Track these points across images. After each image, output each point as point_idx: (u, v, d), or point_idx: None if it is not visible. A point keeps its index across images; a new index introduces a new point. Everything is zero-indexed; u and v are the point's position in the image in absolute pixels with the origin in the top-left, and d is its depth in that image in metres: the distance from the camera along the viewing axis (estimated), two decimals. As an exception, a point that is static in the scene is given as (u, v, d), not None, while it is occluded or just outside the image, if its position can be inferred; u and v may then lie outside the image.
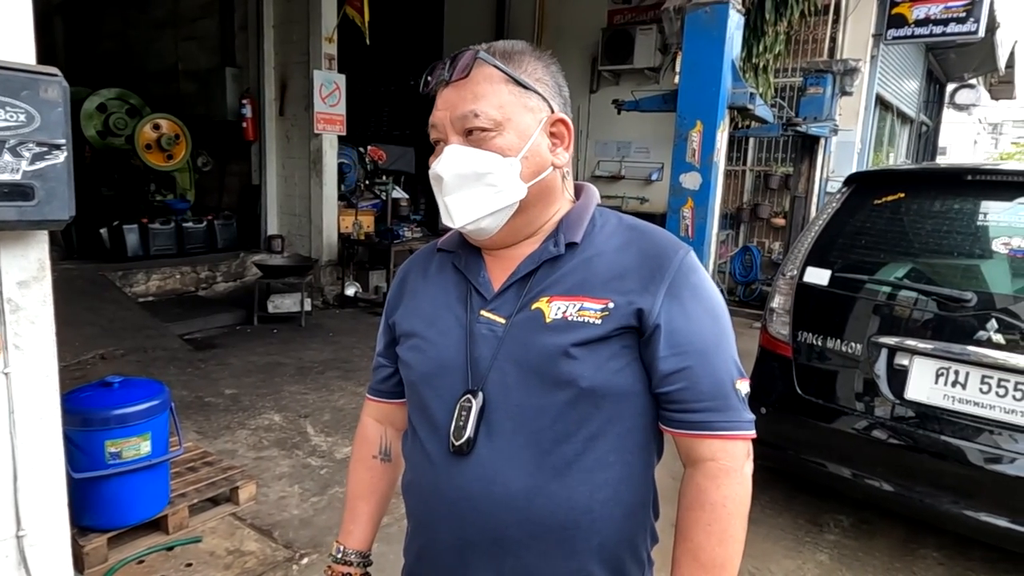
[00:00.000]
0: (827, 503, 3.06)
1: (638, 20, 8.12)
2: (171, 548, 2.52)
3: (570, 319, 0.88)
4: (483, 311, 0.94)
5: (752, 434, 0.91)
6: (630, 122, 7.92)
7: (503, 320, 0.92)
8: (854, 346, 2.62)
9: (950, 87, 12.44)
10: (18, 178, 1.43)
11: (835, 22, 7.43)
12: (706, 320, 0.90)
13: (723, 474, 0.89)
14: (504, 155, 0.89)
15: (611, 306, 0.88)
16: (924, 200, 2.70)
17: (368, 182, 7.54)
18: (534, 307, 0.91)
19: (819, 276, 2.74)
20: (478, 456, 0.90)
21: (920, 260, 2.61)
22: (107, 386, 2.45)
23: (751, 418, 0.91)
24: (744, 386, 0.91)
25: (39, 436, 1.65)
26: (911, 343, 2.49)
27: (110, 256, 6.51)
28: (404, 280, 1.08)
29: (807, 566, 2.63)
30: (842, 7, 7.42)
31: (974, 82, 12.17)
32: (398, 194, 7.54)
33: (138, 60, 9.39)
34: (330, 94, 6.77)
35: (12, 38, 1.48)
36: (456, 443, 0.90)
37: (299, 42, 6.81)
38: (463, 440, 0.89)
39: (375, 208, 7.47)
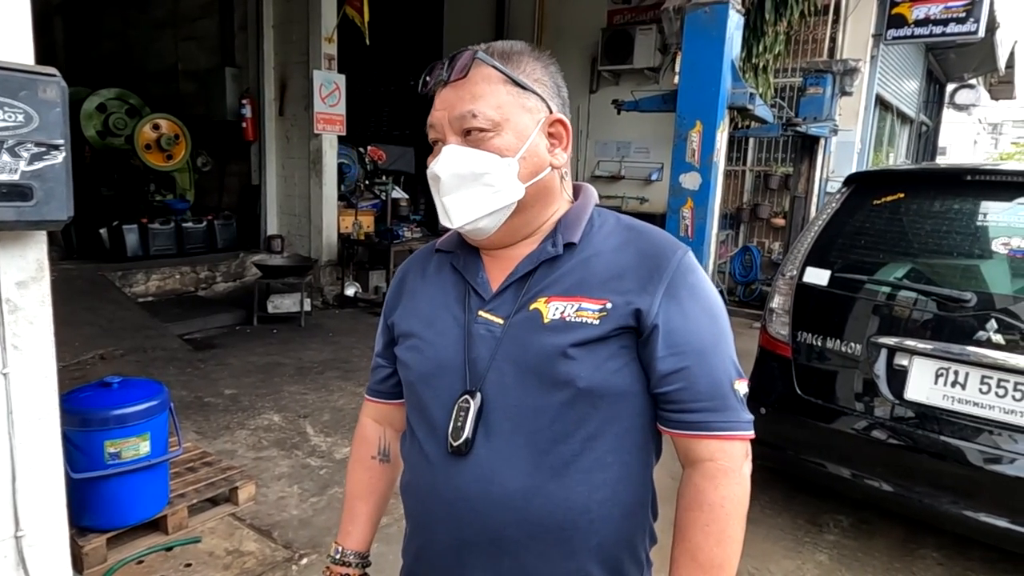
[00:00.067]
0: (826, 503, 3.06)
1: (638, 20, 8.12)
2: (170, 548, 2.52)
3: (568, 319, 0.88)
4: (481, 311, 0.94)
5: (750, 434, 0.91)
6: (630, 122, 7.92)
7: (501, 320, 0.92)
8: (854, 346, 2.62)
9: (950, 87, 12.43)
10: (16, 178, 1.43)
11: (835, 22, 7.43)
12: (704, 320, 0.90)
13: (721, 474, 0.89)
14: (502, 155, 0.89)
15: (609, 306, 0.88)
16: (924, 200, 2.70)
17: (368, 182, 7.54)
18: (532, 307, 0.91)
19: (819, 276, 2.74)
20: (476, 456, 0.90)
21: (920, 260, 2.61)
22: (106, 386, 2.45)
23: (749, 418, 0.91)
24: (742, 386, 0.91)
25: (38, 436, 1.65)
26: (911, 343, 2.49)
27: (110, 256, 6.51)
28: (403, 280, 1.08)
29: (806, 566, 2.63)
30: (842, 7, 7.41)
31: (974, 82, 12.17)
32: (398, 194, 7.53)
33: (138, 60, 9.39)
34: (330, 94, 6.77)
35: (10, 38, 1.48)
36: (454, 443, 0.90)
37: (299, 42, 6.81)
38: (461, 440, 0.89)
39: (375, 208, 7.46)
